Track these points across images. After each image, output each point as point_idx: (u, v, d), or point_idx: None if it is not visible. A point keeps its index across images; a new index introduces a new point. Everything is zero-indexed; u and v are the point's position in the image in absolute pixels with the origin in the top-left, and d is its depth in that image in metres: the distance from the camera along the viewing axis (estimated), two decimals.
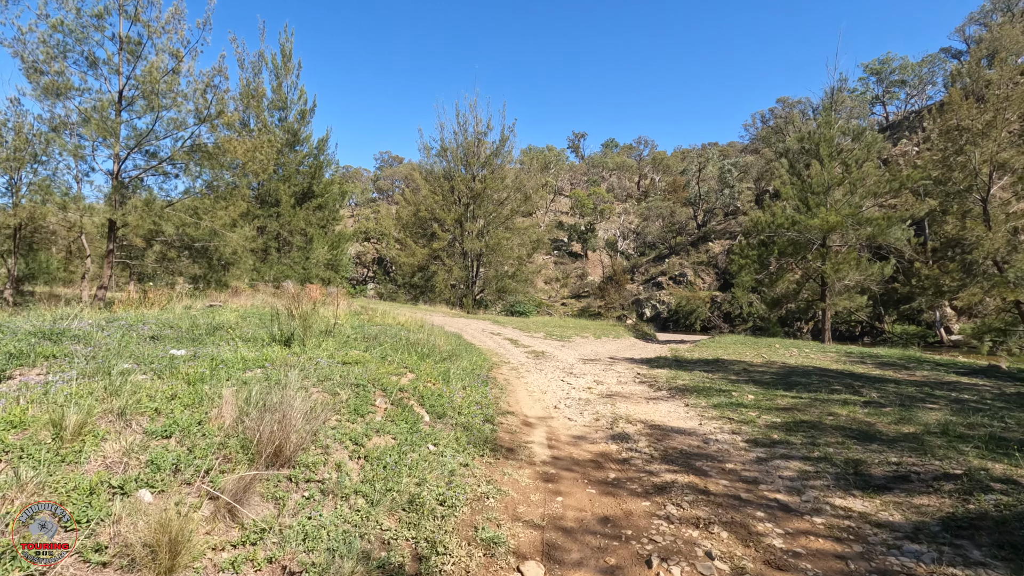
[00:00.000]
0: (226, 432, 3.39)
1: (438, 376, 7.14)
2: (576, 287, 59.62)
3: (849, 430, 6.18)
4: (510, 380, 9.27)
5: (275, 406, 3.48)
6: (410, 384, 6.30)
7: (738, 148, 76.92)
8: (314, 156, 23.94)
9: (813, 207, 19.52)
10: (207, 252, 15.66)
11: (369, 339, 8.92)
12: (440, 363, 7.99)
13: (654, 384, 9.26)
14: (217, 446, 3.19)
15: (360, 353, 7.22)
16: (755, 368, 11.76)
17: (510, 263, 33.17)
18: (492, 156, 32.57)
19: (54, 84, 13.04)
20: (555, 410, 7.35)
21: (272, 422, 3.21)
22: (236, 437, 3.28)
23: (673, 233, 60.66)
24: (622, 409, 7.38)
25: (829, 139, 19.99)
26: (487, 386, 7.84)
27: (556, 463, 5.19)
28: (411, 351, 8.12)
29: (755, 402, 7.67)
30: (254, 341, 7.06)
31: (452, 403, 6.28)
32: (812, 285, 21.70)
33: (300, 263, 22.67)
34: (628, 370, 10.84)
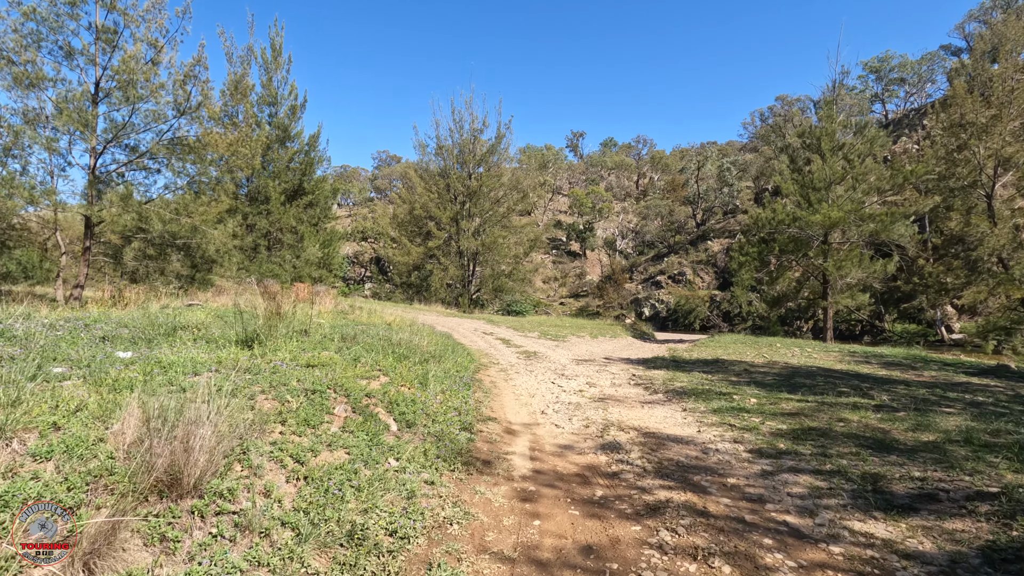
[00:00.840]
0: (126, 453, 2.80)
1: (415, 379, 6.55)
2: (575, 286, 59.02)
3: (863, 438, 5.59)
4: (497, 383, 8.68)
5: (192, 420, 2.89)
6: (380, 389, 5.71)
7: (737, 147, 76.30)
8: (305, 153, 23.32)
9: (815, 203, 18.91)
10: (190, 250, 15.07)
11: (347, 339, 8.34)
12: (419, 365, 7.40)
13: (650, 387, 8.66)
14: (97, 474, 2.60)
15: (330, 354, 6.63)
16: (757, 369, 11.17)
17: (507, 262, 32.57)
18: (488, 153, 31.98)
19: (25, 74, 12.44)
20: (542, 416, 6.75)
21: (171, 440, 2.62)
22: (133, 460, 2.69)
23: (672, 232, 60.06)
24: (615, 414, 6.79)
25: (831, 133, 19.39)
26: (470, 390, 7.25)
27: (537, 478, 4.60)
28: (388, 352, 7.53)
29: (758, 406, 7.07)
30: (215, 342, 6.47)
31: (427, 409, 5.70)
32: (813, 283, 21.11)
33: (291, 261, 22.05)
34: (623, 371, 10.25)
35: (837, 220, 17.80)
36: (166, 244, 14.89)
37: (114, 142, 13.79)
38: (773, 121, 59.34)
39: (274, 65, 22.74)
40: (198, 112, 13.70)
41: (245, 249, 21.38)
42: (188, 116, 13.61)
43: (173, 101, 13.41)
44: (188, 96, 13.34)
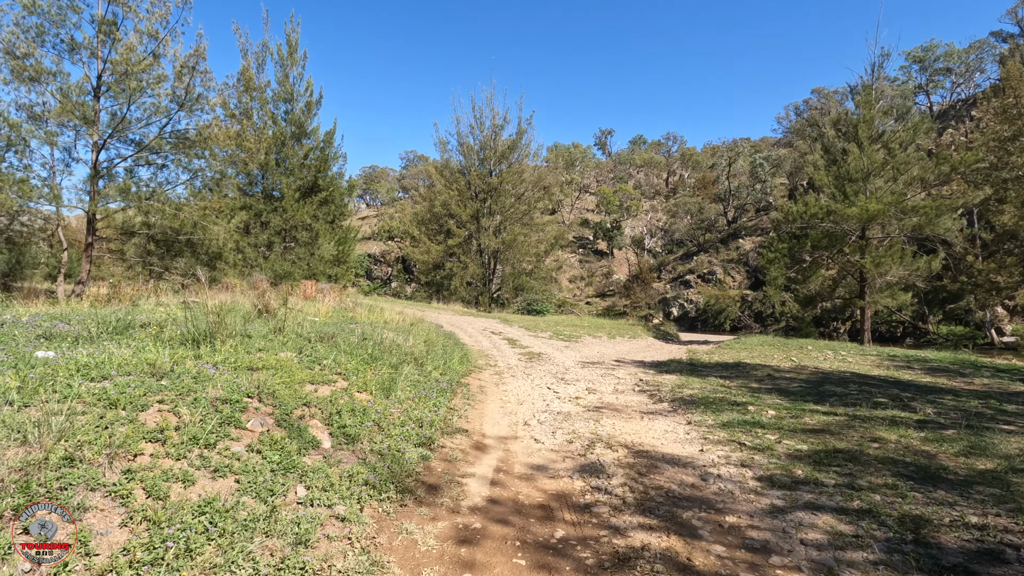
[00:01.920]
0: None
1: (378, 385, 5.76)
2: (601, 286, 57.74)
3: (902, 465, 4.55)
4: (486, 387, 7.84)
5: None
6: (328, 397, 4.94)
7: (770, 143, 73.55)
8: (320, 149, 22.92)
9: (851, 195, 17.45)
10: (193, 246, 14.69)
11: (323, 338, 7.63)
12: (391, 368, 6.62)
13: (656, 394, 7.68)
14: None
15: (287, 355, 5.91)
16: (782, 374, 10.04)
17: (528, 260, 31.68)
18: (509, 150, 31.14)
19: (24, 67, 12.19)
20: (524, 427, 5.88)
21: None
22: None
23: (702, 230, 58.16)
24: (607, 427, 5.87)
25: (869, 120, 17.88)
26: (447, 396, 6.43)
27: (489, 510, 3.75)
28: (360, 353, 6.77)
29: (776, 420, 6.04)
30: (166, 342, 5.81)
31: (381, 421, 4.90)
32: (849, 281, 19.59)
33: (305, 259, 21.66)
34: (630, 376, 9.27)
35: (876, 213, 16.34)
36: (169, 240, 14.55)
37: (115, 136, 13.49)
38: (808, 115, 56.80)
39: (290, 61, 22.39)
40: (198, 104, 13.28)
41: (259, 247, 21.10)
42: (187, 109, 13.20)
43: (172, 94, 13.01)
44: (187, 88, 12.93)
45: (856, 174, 17.67)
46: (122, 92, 12.52)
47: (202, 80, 12.95)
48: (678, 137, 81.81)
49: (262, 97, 21.71)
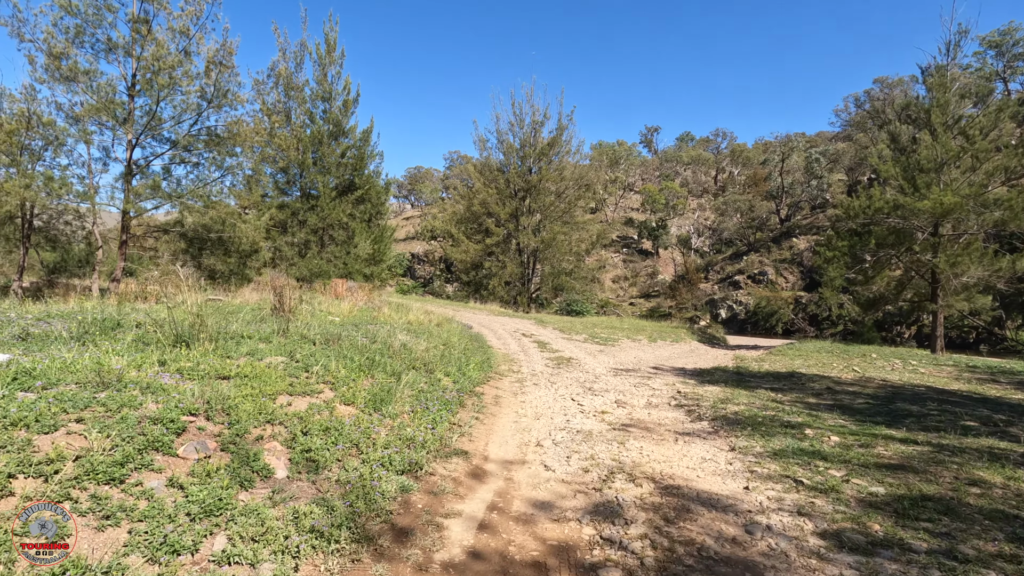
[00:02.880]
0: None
1: (370, 396, 5.04)
2: (646, 286, 55.97)
3: (1018, 523, 3.45)
4: (502, 398, 7.02)
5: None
6: (301, 412, 4.25)
7: (827, 137, 69.57)
8: (357, 147, 22.68)
9: (922, 188, 15.69)
10: (224, 243, 14.53)
11: (330, 340, 7.01)
12: (393, 376, 5.90)
13: (694, 410, 6.67)
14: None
15: (275, 360, 5.28)
16: (844, 387, 8.79)
17: (568, 259, 30.68)
18: (549, 147, 30.22)
19: (58, 66, 12.21)
20: (535, 449, 5.04)
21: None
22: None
23: (753, 229, 55.47)
24: (632, 452, 4.95)
25: (943, 105, 16.04)
26: (451, 409, 5.65)
27: (467, 570, 2.93)
28: (357, 359, 6.08)
29: (841, 449, 4.97)
30: (151, 344, 5.28)
31: (363, 440, 4.17)
32: (919, 283, 17.73)
33: (341, 258, 21.45)
34: (667, 387, 8.25)
35: (951, 207, 14.58)
36: (201, 238, 14.42)
37: (149, 134, 13.42)
38: (871, 106, 53.21)
39: (328, 60, 22.27)
40: (226, 100, 13.04)
41: (296, 245, 21.02)
42: (215, 105, 12.98)
43: (201, 90, 12.81)
44: (216, 83, 12.69)
45: (928, 164, 15.89)
46: (153, 89, 12.38)
47: (229, 75, 12.69)
48: (728, 133, 78.70)
49: (300, 96, 21.66)
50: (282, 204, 21.11)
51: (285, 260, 20.47)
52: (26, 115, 11.67)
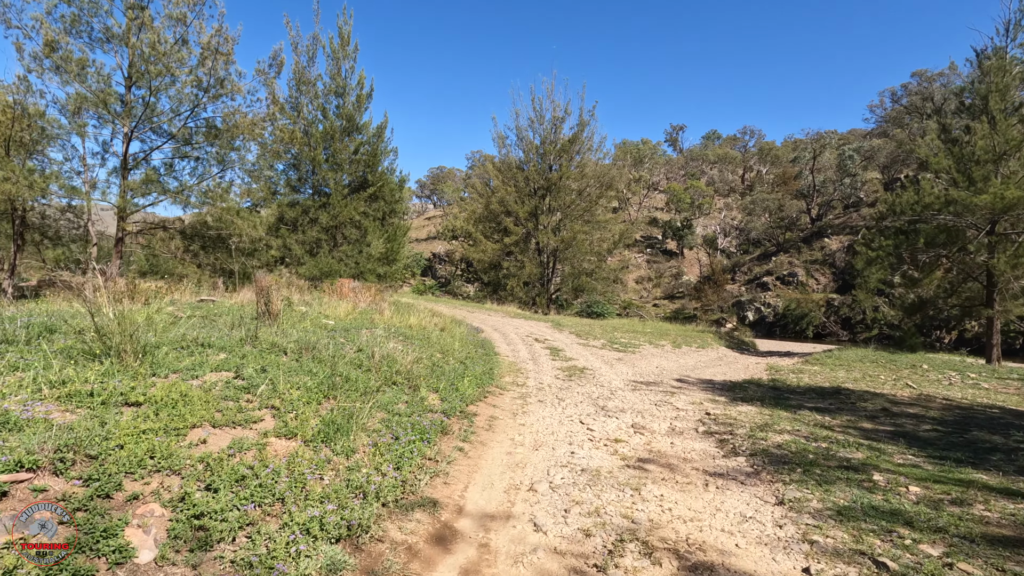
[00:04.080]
0: None
1: (322, 425, 4.02)
2: (670, 287, 54.24)
3: None
4: (498, 420, 5.94)
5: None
6: (217, 453, 3.25)
7: (860, 135, 66.59)
8: (371, 144, 21.86)
9: (979, 181, 14.09)
10: (224, 241, 13.78)
11: (303, 349, 6.04)
12: (362, 396, 4.87)
13: (728, 439, 5.48)
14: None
15: (212, 379, 4.31)
16: (903, 408, 7.48)
17: (588, 260, 29.44)
18: (570, 143, 29.03)
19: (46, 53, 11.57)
20: (528, 496, 3.96)
21: None
22: None
23: (782, 229, 53.26)
24: (650, 506, 3.82)
25: (1003, 89, 14.40)
26: (429, 438, 4.59)
27: None
28: (320, 374, 5.07)
29: (928, 507, 3.76)
30: (75, 357, 4.36)
31: (294, 492, 3.15)
32: (972, 286, 16.07)
33: (352, 257, 20.64)
34: (694, 406, 7.06)
35: (1014, 201, 12.98)
36: (200, 235, 13.70)
37: (145, 126, 12.73)
38: (908, 101, 50.55)
39: (342, 54, 21.52)
40: (222, 89, 12.25)
41: (306, 243, 20.29)
42: (211, 95, 12.20)
43: (196, 78, 12.04)
44: (210, 71, 11.90)
45: (985, 155, 14.28)
46: (145, 77, 11.65)
47: (226, 63, 11.88)
48: (755, 131, 76.07)
49: (313, 91, 20.95)
50: (292, 202, 20.42)
51: (295, 259, 19.77)
52: (13, 107, 11.04)
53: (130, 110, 12.21)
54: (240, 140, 13.76)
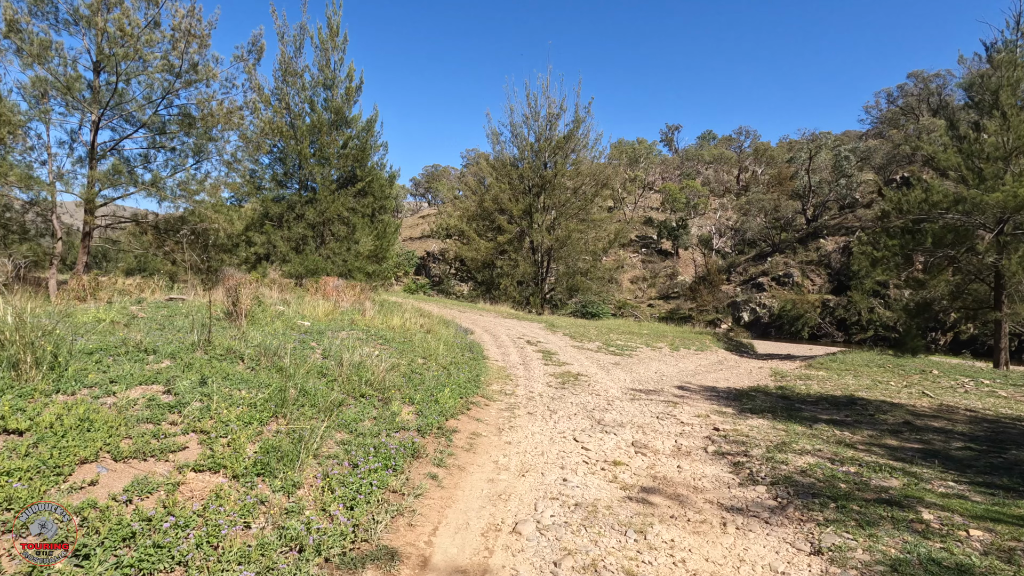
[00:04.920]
0: None
1: (260, 454, 3.29)
2: (665, 287, 53.68)
3: None
4: (480, 438, 5.21)
5: None
6: (108, 499, 2.51)
7: (854, 136, 66.20)
8: (360, 138, 21.06)
9: (989, 178, 13.47)
10: (199, 236, 12.99)
11: (263, 355, 5.30)
12: (320, 413, 4.14)
13: (742, 462, 4.77)
14: None
15: (130, 396, 3.56)
16: (926, 421, 6.80)
17: (583, 259, 28.76)
18: (565, 140, 28.32)
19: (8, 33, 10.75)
20: (510, 541, 3.23)
21: None
22: None
23: (777, 229, 52.75)
24: (659, 556, 3.10)
25: (1014, 83, 13.80)
26: (394, 467, 3.85)
27: None
28: (271, 386, 4.33)
29: (998, 559, 3.05)
30: None
31: (202, 551, 2.41)
32: (979, 287, 15.47)
33: (340, 254, 19.84)
34: (699, 420, 6.35)
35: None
36: (173, 230, 12.90)
37: (116, 112, 11.92)
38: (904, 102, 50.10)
39: (330, 45, 20.71)
40: (196, 74, 11.46)
41: (292, 241, 19.48)
42: (185, 80, 11.40)
43: (167, 63, 11.24)
44: (183, 55, 11.10)
45: (995, 152, 13.66)
46: (112, 60, 10.84)
47: (200, 46, 11.09)
48: (751, 131, 75.48)
49: (300, 82, 20.15)
50: (278, 197, 19.60)
51: (280, 256, 18.97)
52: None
53: (98, 96, 11.40)
54: (218, 130, 12.98)
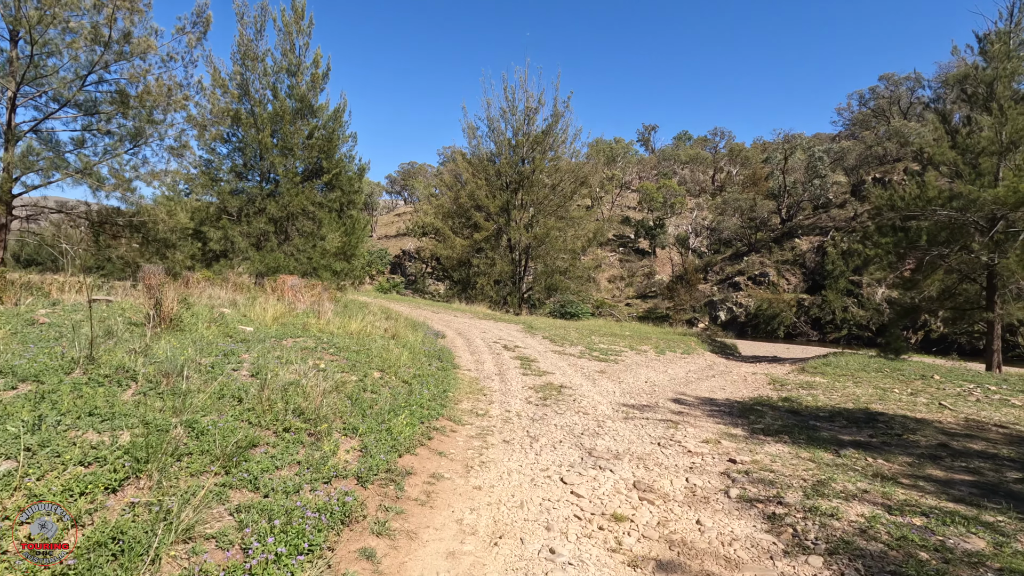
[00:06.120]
0: None
1: (89, 546, 2.07)
2: (642, 286, 53.11)
3: None
4: (442, 481, 4.04)
5: None
6: None
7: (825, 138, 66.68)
8: (327, 128, 19.63)
9: (986, 173, 12.80)
10: (138, 230, 11.51)
11: (163, 376, 4.04)
12: (215, 461, 2.93)
13: (779, 515, 3.69)
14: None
15: None
16: (962, 442, 5.86)
17: (562, 257, 27.72)
18: (544, 135, 27.24)
19: None
20: None
21: None
22: None
23: (753, 229, 52.60)
24: None
25: (1009, 74, 13.17)
26: (310, 546, 2.67)
27: None
28: (149, 427, 3.10)
29: None
30: None
31: None
32: (970, 287, 14.85)
33: (305, 251, 18.41)
34: (709, 447, 5.27)
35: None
36: (109, 222, 11.40)
37: (36, 88, 10.38)
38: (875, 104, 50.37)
39: (295, 28, 19.24)
40: (130, 44, 10.00)
41: (252, 236, 17.97)
42: (115, 51, 9.93)
43: (93, 30, 9.76)
44: (111, 20, 9.63)
45: (991, 146, 13.00)
46: (24, 23, 9.32)
47: (130, 12, 9.63)
48: (726, 132, 75.62)
49: (262, 68, 18.65)
50: (236, 189, 18.06)
51: (239, 253, 17.46)
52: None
53: (13, 68, 9.86)
54: (160, 112, 11.52)
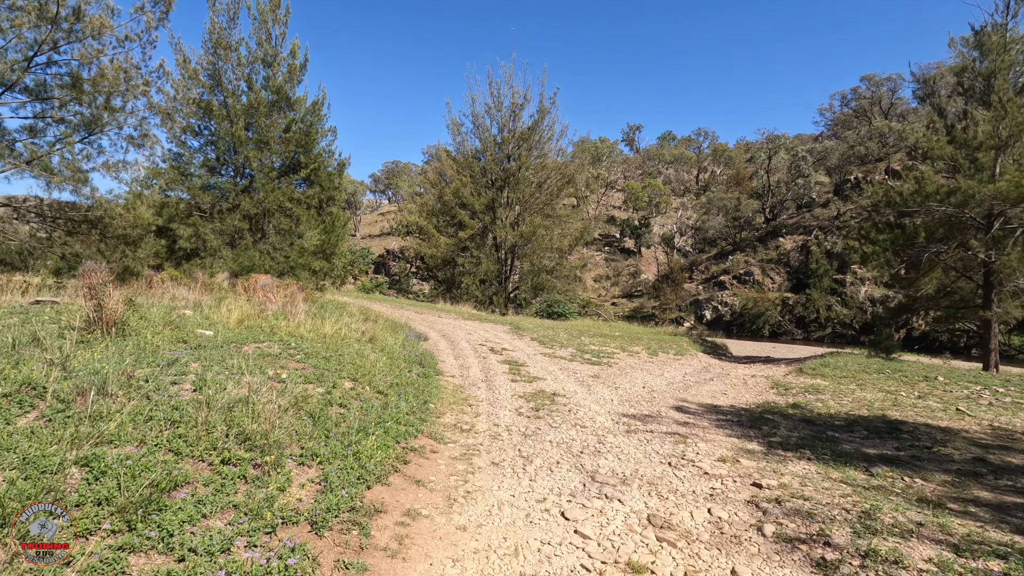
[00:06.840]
0: None
1: None
2: (628, 286, 52.72)
3: None
4: (418, 521, 3.32)
5: None
6: None
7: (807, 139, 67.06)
8: (305, 121, 18.73)
9: (986, 168, 12.41)
10: (95, 226, 10.57)
11: (80, 394, 3.26)
12: (133, 511, 2.19)
13: (831, 561, 3.04)
14: None
15: None
16: (994, 451, 5.29)
17: (549, 256, 27.07)
18: (529, 131, 26.56)
19: None
20: None
21: None
22: None
23: (737, 228, 52.52)
24: None
25: (1007, 67, 12.80)
26: None
27: None
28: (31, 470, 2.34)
29: None
30: None
31: None
32: (965, 285, 14.49)
33: (282, 250, 17.49)
34: (727, 467, 4.62)
35: None
36: (64, 218, 10.45)
37: None
38: (857, 104, 50.58)
39: (271, 17, 18.31)
40: (80, 22, 9.08)
41: (225, 234, 17.01)
42: (64, 30, 9.01)
43: (40, 6, 8.82)
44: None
45: (990, 140, 12.60)
46: None
47: None
48: (709, 132, 75.57)
49: (236, 58, 17.69)
50: (208, 185, 17.09)
51: (211, 251, 16.50)
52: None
53: None
54: (119, 99, 10.60)
